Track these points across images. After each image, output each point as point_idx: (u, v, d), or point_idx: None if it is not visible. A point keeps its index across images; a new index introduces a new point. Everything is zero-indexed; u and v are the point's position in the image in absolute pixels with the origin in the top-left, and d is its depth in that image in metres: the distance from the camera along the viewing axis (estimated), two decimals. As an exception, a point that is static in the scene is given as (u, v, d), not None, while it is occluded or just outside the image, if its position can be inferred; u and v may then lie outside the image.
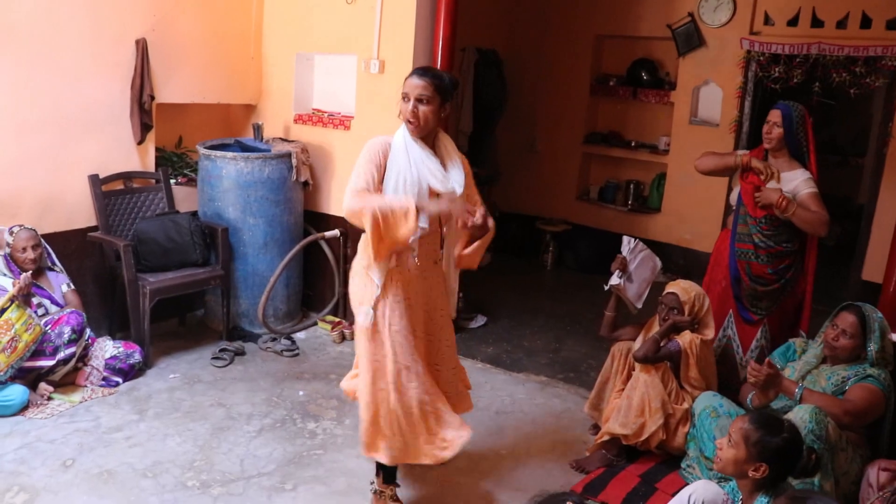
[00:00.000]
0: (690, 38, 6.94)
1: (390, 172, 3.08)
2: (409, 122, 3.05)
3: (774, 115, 4.10)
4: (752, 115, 6.64)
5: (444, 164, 3.15)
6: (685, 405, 3.74)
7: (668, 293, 3.91)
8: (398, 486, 3.41)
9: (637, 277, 4.13)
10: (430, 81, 3.02)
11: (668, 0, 7.04)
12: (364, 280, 3.16)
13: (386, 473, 3.33)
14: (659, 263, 4.25)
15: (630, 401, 3.75)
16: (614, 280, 4.09)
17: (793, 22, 6.41)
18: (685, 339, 3.79)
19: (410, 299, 3.17)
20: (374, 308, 3.11)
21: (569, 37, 7.69)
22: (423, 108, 3.03)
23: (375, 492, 3.38)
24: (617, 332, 4.19)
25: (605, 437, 3.82)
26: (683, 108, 7.14)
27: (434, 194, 3.08)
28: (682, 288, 3.90)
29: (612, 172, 7.90)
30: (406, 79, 3.08)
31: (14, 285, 4.11)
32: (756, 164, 4.11)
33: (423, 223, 2.99)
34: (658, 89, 7.41)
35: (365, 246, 3.10)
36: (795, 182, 4.04)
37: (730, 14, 6.68)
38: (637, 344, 3.96)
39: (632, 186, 7.65)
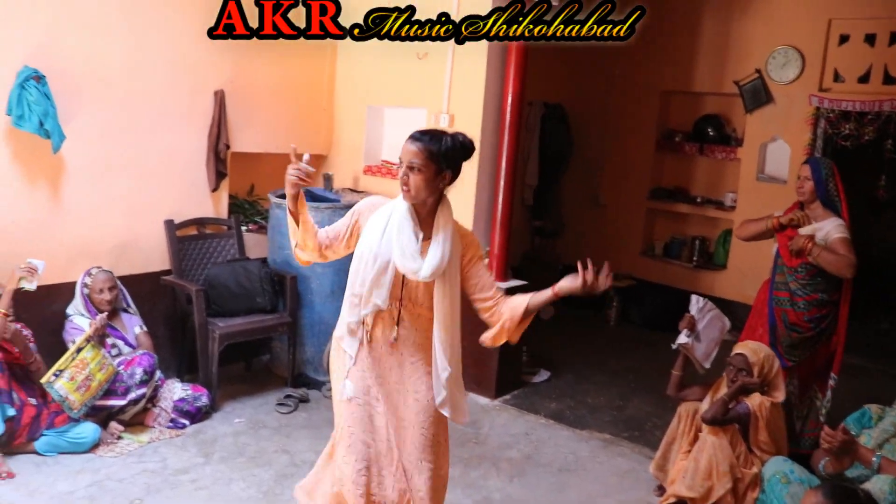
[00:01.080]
0: (758, 94, 6.91)
1: (362, 238, 2.92)
2: (402, 188, 2.83)
3: (804, 171, 4.37)
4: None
5: (429, 242, 2.87)
6: (754, 469, 3.66)
7: (736, 354, 3.84)
8: None
9: (705, 337, 4.08)
10: (421, 148, 2.76)
11: (736, 57, 7.04)
12: (338, 351, 3.05)
13: None
14: (728, 324, 4.20)
15: (697, 463, 3.67)
16: (682, 339, 4.06)
17: (864, 79, 6.35)
18: (754, 401, 3.71)
19: (376, 377, 2.99)
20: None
21: (635, 92, 7.73)
22: (413, 177, 2.78)
23: None
24: (684, 391, 4.13)
25: (671, 500, 3.74)
26: (750, 164, 7.08)
27: (398, 275, 2.87)
28: (750, 349, 3.83)
29: (677, 228, 7.84)
30: (405, 141, 2.85)
31: (91, 325, 4.25)
32: (784, 219, 4.35)
33: (380, 300, 2.86)
34: (725, 145, 7.38)
35: (342, 313, 3.00)
36: (827, 228, 4.23)
37: (798, 71, 6.65)
38: (705, 405, 3.89)
39: (697, 242, 7.57)
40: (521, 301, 2.92)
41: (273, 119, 5.60)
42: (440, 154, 2.78)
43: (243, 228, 5.48)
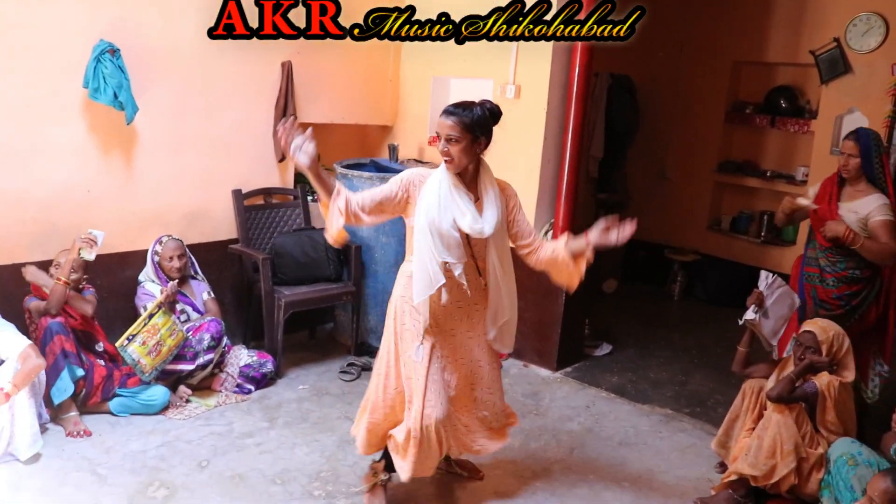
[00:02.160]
0: (835, 64, 6.66)
1: (419, 209, 3.16)
2: (445, 160, 3.13)
3: (849, 147, 4.10)
4: (901, 146, 6.31)
5: (480, 201, 3.20)
6: (820, 450, 3.58)
7: (804, 332, 3.75)
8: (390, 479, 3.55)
9: (773, 314, 4.00)
10: (456, 121, 3.06)
11: (812, 25, 6.79)
12: (408, 315, 3.32)
13: (389, 462, 3.47)
14: (797, 301, 4.11)
15: (761, 441, 3.61)
16: (750, 315, 3.98)
17: (954, 47, 6.07)
18: (822, 380, 3.63)
19: (443, 333, 3.32)
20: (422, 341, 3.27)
21: (705, 63, 7.54)
22: (453, 148, 3.08)
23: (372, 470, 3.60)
24: (750, 368, 4.06)
25: (733, 477, 3.68)
26: (824, 137, 6.84)
27: (463, 235, 3.15)
28: (819, 327, 3.74)
29: (745, 202, 7.65)
30: (439, 116, 3.13)
31: (161, 292, 4.38)
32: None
33: (456, 261, 3.14)
34: (798, 118, 7.14)
35: (410, 278, 3.24)
36: (870, 208, 4.02)
37: (881, 39, 6.37)
38: (770, 382, 3.82)
39: (766, 217, 7.38)
40: (560, 245, 3.31)
41: (339, 90, 5.63)
42: (473, 124, 3.08)
43: (309, 198, 5.55)
